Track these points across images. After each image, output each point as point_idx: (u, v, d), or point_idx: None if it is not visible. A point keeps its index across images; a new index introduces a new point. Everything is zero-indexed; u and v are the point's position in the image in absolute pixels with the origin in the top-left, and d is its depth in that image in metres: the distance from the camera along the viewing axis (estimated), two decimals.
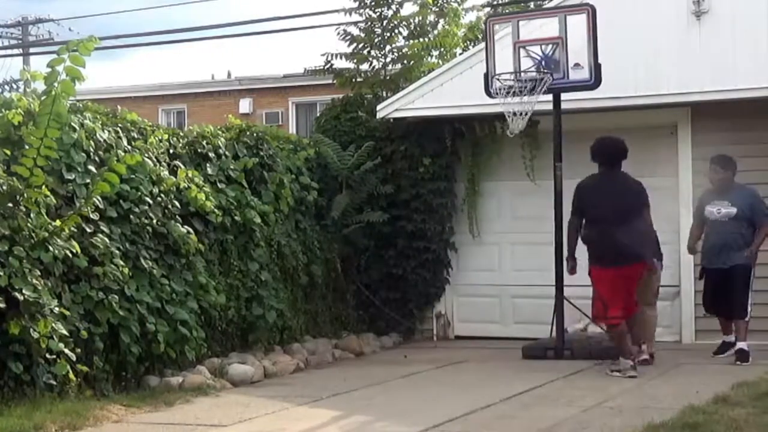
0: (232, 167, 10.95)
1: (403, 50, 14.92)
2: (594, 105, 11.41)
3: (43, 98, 8.22)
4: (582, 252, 9.85)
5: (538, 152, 12.23)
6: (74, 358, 8.01)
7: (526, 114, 10.64)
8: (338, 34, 14.86)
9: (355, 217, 12.82)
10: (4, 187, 7.95)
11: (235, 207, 10.71)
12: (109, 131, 9.38)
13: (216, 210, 10.31)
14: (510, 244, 12.79)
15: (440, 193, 12.89)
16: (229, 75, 29.28)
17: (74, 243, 8.33)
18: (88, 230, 8.69)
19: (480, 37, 14.39)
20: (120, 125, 9.68)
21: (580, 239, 9.80)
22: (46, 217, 8.25)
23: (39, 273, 7.99)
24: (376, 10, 14.82)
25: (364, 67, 14.89)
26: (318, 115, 16.01)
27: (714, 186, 10.35)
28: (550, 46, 10.69)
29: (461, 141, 12.86)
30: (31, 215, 8.14)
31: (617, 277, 9.39)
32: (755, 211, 10.12)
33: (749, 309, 10.02)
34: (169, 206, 9.76)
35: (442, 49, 15.24)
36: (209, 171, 10.63)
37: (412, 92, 12.69)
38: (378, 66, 14.81)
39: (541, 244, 11.70)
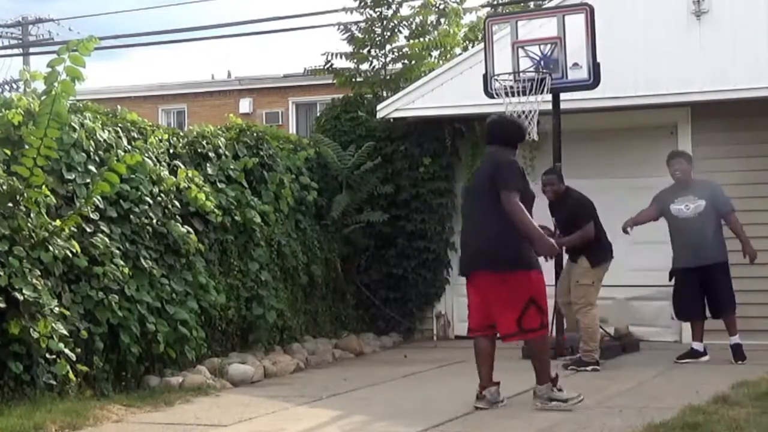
0: (232, 167, 10.95)
1: (404, 50, 14.92)
2: (594, 105, 11.41)
3: (43, 98, 8.21)
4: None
5: (537, 152, 12.22)
6: (74, 358, 8.01)
7: (531, 117, 10.59)
8: (338, 29, 14.90)
9: (355, 217, 12.82)
10: (4, 187, 7.95)
11: (235, 207, 10.72)
12: (109, 131, 9.38)
13: (216, 210, 10.31)
14: None
15: (440, 193, 12.90)
16: (229, 75, 29.29)
17: (74, 243, 8.33)
18: (88, 230, 8.69)
19: (480, 37, 14.39)
20: (120, 125, 9.68)
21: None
22: (46, 217, 8.25)
23: (39, 273, 7.98)
24: (377, 10, 14.83)
25: (364, 66, 14.89)
26: (318, 115, 16.02)
27: (677, 181, 10.12)
28: (548, 46, 10.68)
29: (461, 141, 12.87)
30: (31, 215, 8.14)
31: (469, 287, 7.80)
32: (719, 200, 9.92)
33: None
34: (169, 206, 9.77)
35: (442, 49, 15.25)
36: (209, 171, 10.63)
37: (412, 92, 12.70)
38: (378, 66, 14.81)
39: None
